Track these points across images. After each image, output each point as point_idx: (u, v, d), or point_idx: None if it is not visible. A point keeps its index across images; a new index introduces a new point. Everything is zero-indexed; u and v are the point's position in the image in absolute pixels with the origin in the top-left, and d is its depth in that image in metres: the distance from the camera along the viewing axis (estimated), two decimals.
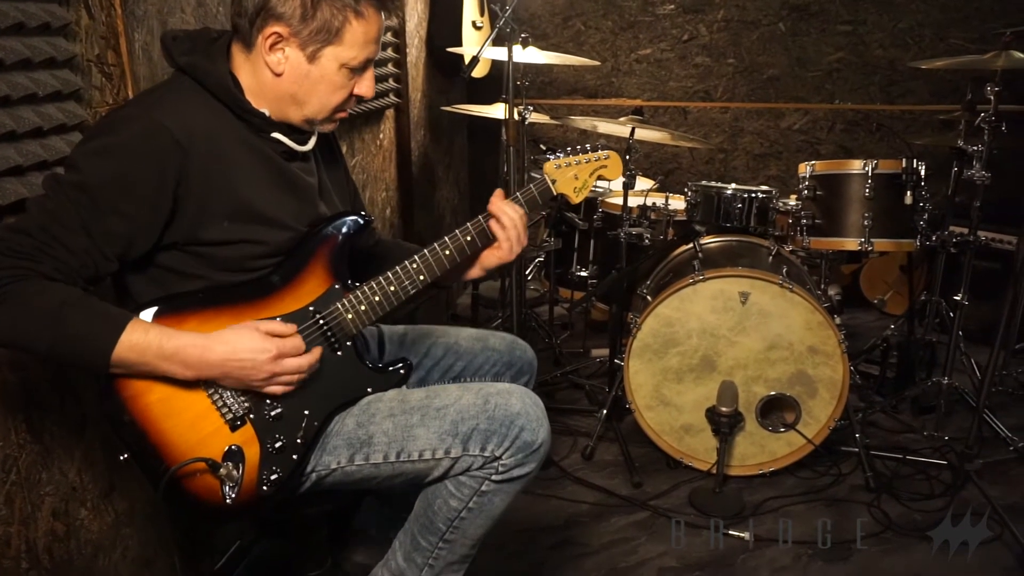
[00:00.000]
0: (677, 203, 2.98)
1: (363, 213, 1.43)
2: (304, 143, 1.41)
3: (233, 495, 1.27)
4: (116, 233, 1.20)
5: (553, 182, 1.57)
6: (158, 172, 1.21)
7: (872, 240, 2.36)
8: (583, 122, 2.81)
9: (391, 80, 3.09)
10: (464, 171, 4.23)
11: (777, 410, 2.44)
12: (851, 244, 2.39)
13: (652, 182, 3.16)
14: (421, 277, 1.44)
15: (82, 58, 1.48)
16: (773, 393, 2.39)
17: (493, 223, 1.50)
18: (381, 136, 3.10)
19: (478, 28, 3.51)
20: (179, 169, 1.22)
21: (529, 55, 2.77)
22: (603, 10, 4.00)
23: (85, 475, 1.55)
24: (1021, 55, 2.29)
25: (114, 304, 1.25)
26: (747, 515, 2.29)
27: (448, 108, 3.42)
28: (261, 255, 1.32)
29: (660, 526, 2.24)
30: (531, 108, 2.81)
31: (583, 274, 3.30)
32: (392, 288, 1.41)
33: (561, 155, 1.58)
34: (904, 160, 2.32)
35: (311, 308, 1.36)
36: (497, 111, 3.15)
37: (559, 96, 4.13)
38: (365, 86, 1.37)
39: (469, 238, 1.48)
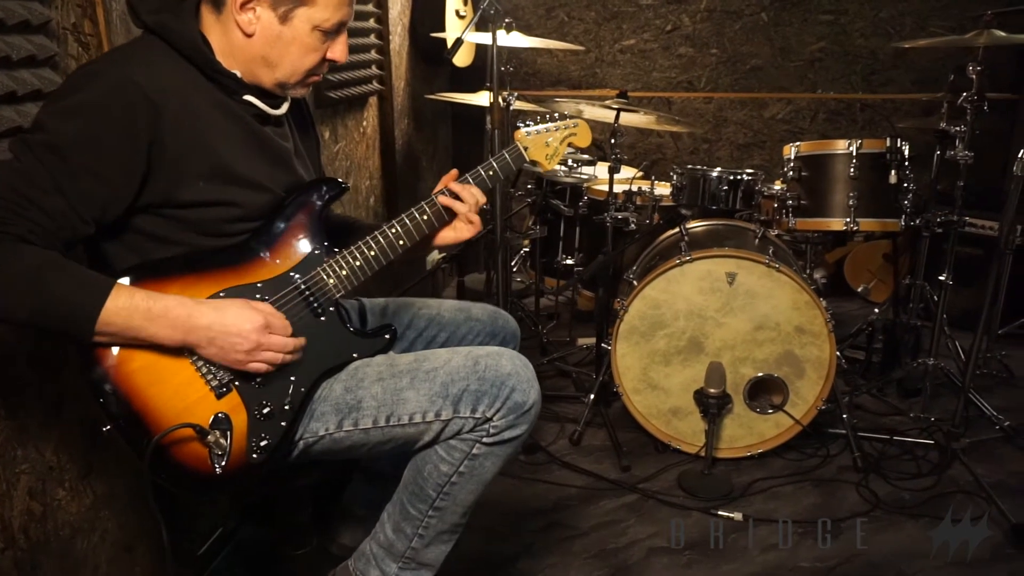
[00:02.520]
0: (663, 190, 2.97)
1: (340, 180, 1.41)
2: (277, 107, 1.38)
3: (223, 463, 1.24)
4: (90, 193, 1.16)
5: (525, 149, 1.58)
6: (130, 129, 1.17)
7: (857, 220, 2.37)
8: (568, 107, 2.80)
9: (374, 67, 3.07)
10: (449, 162, 4.20)
11: (765, 392, 2.44)
12: (836, 224, 2.39)
13: (638, 171, 3.16)
14: (401, 242, 1.43)
15: (57, 25, 1.44)
16: (761, 374, 2.38)
17: (452, 201, 1.49)
18: (364, 124, 3.07)
19: (461, 17, 3.49)
20: (152, 127, 1.19)
21: (513, 40, 2.76)
22: (586, 1, 3.99)
23: (62, 455, 1.51)
24: (1003, 33, 2.30)
25: None
26: (736, 496, 2.28)
27: (432, 96, 3.40)
28: (238, 218, 1.30)
29: (649, 508, 2.23)
30: (515, 94, 2.80)
31: (569, 262, 3.28)
32: (372, 253, 1.40)
33: (531, 124, 1.60)
34: (888, 139, 2.33)
35: (292, 273, 1.34)
36: (481, 99, 3.13)
37: (543, 87, 4.12)
38: (338, 50, 1.35)
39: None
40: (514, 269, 3.90)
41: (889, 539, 2.08)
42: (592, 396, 2.61)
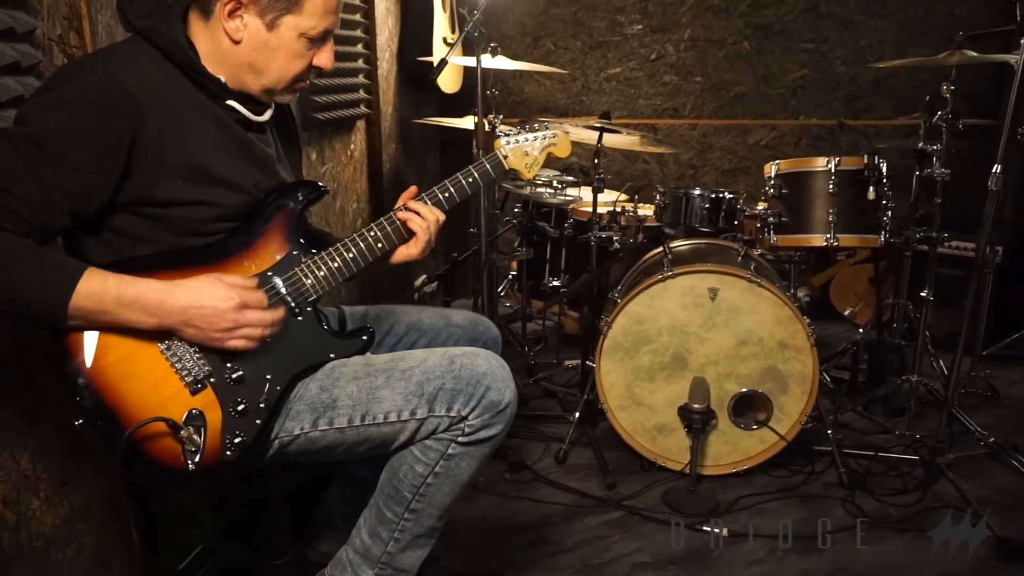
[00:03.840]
0: (647, 211, 3.00)
1: (319, 183, 1.43)
2: (260, 114, 1.40)
3: (196, 459, 1.24)
4: (68, 186, 1.18)
5: (505, 157, 1.60)
6: (111, 124, 1.19)
7: (838, 236, 2.39)
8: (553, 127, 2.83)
9: (361, 91, 3.11)
10: None
11: (750, 408, 2.44)
12: (817, 240, 2.42)
13: (621, 192, 3.19)
14: (379, 245, 1.44)
15: (43, 35, 1.47)
16: (745, 390, 2.38)
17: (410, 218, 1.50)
18: (352, 147, 3.11)
19: (449, 44, 3.55)
20: (134, 123, 1.20)
21: (499, 63, 2.81)
22: (572, 30, 4.07)
23: (38, 464, 1.50)
24: (974, 53, 2.36)
25: None
26: (721, 512, 2.27)
27: (420, 121, 3.45)
28: (216, 218, 1.31)
29: (634, 524, 2.21)
30: (500, 117, 2.84)
31: (556, 283, 3.30)
32: (351, 255, 1.41)
33: (511, 133, 1.63)
34: (866, 156, 2.37)
35: (269, 273, 1.35)
36: (468, 123, 3.17)
37: (530, 114, 4.17)
38: (324, 57, 1.37)
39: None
40: (502, 294, 3.92)
41: (875, 553, 2.07)
42: (577, 415, 2.60)
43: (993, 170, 2.15)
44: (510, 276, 3.75)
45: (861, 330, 3.07)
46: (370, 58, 3.17)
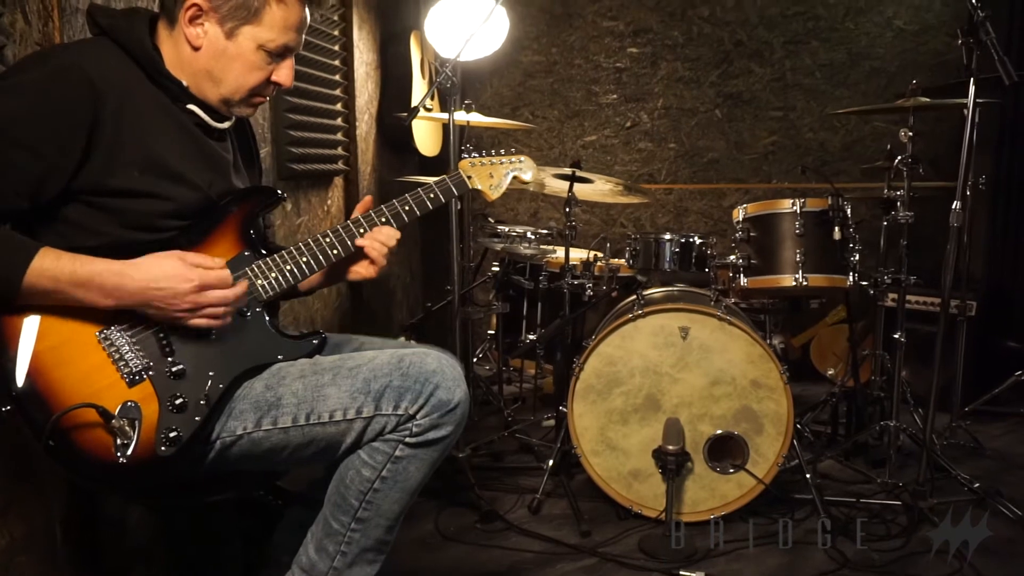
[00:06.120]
0: (620, 263, 3.02)
1: (277, 190, 1.44)
2: (220, 120, 1.42)
3: (128, 452, 1.19)
4: (25, 168, 1.18)
5: (469, 178, 1.62)
6: (70, 108, 1.21)
7: (807, 275, 2.40)
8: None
9: (340, 148, 3.17)
10: (416, 252, 4.27)
11: (726, 453, 2.39)
12: (787, 280, 2.43)
13: (591, 248, 3.23)
14: (334, 251, 1.44)
15: (14, 59, 1.50)
16: (720, 431, 2.34)
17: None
18: (329, 202, 3.14)
19: (428, 109, 3.65)
20: (92, 110, 1.22)
21: (473, 118, 2.89)
22: (549, 100, 4.21)
23: None
24: (927, 99, 2.45)
25: None
26: (699, 559, 2.18)
27: (399, 179, 3.50)
28: (168, 213, 1.31)
29: (608, 571, 2.12)
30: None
31: (533, 338, 3.28)
32: (304, 259, 1.40)
33: (476, 155, 1.65)
34: (829, 198, 2.41)
35: None
36: None
37: None
38: (284, 74, 1.39)
39: (384, 219, 1.50)
40: (480, 355, 3.89)
41: None
42: (551, 462, 2.54)
43: (953, 206, 2.19)
44: (488, 336, 3.73)
45: (839, 379, 3.04)
46: (349, 117, 3.25)
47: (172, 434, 1.23)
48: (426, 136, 3.75)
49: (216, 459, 1.31)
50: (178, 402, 1.24)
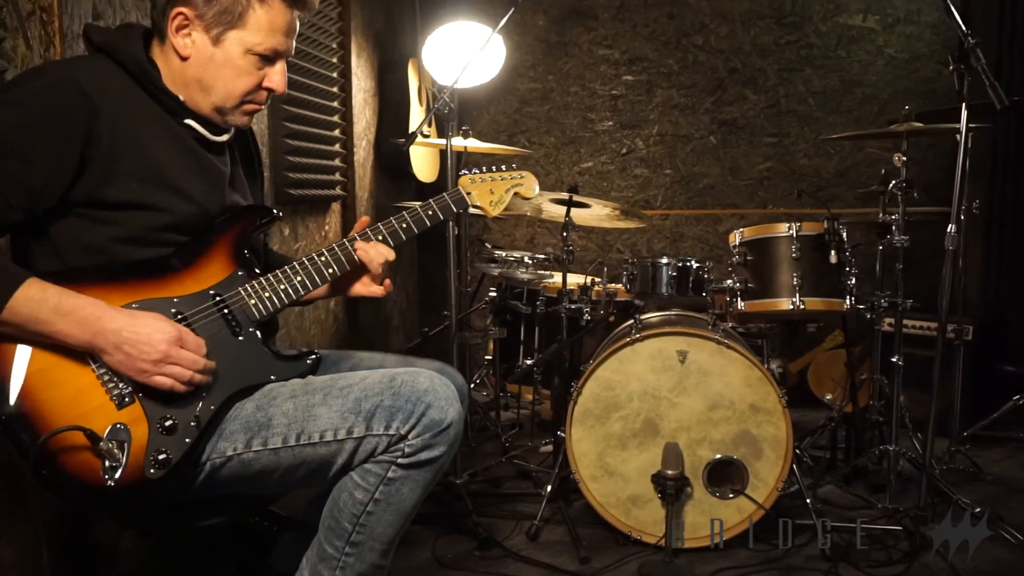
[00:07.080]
0: (618, 287, 3.02)
1: (274, 208, 1.44)
2: (218, 134, 1.42)
3: (116, 476, 1.17)
4: (19, 179, 1.18)
5: (468, 194, 1.61)
6: (66, 120, 1.21)
7: (804, 299, 2.41)
8: (526, 205, 2.90)
9: (337, 174, 3.19)
10: (413, 277, 4.27)
11: (725, 478, 2.37)
12: (784, 303, 2.43)
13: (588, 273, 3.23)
14: (330, 270, 1.43)
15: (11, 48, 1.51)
16: (719, 456, 2.32)
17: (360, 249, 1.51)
18: (327, 227, 3.15)
19: (425, 136, 3.68)
20: (88, 122, 1.22)
21: (470, 144, 2.91)
22: (546, 127, 4.24)
23: None
24: (920, 124, 2.47)
25: None
26: None
27: (397, 204, 3.51)
28: (165, 226, 1.30)
29: None
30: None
31: (530, 362, 3.27)
32: (299, 278, 1.40)
33: (477, 171, 1.64)
34: (825, 222, 2.42)
35: (211, 291, 1.33)
36: None
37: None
38: (276, 80, 1.39)
39: (380, 237, 1.50)
40: (477, 381, 3.87)
41: None
42: (549, 488, 2.52)
43: (948, 229, 2.20)
44: (485, 361, 3.71)
45: (838, 403, 3.03)
46: (347, 143, 3.27)
47: (162, 456, 1.21)
48: (423, 162, 3.77)
49: (206, 481, 1.29)
50: (168, 424, 1.23)
